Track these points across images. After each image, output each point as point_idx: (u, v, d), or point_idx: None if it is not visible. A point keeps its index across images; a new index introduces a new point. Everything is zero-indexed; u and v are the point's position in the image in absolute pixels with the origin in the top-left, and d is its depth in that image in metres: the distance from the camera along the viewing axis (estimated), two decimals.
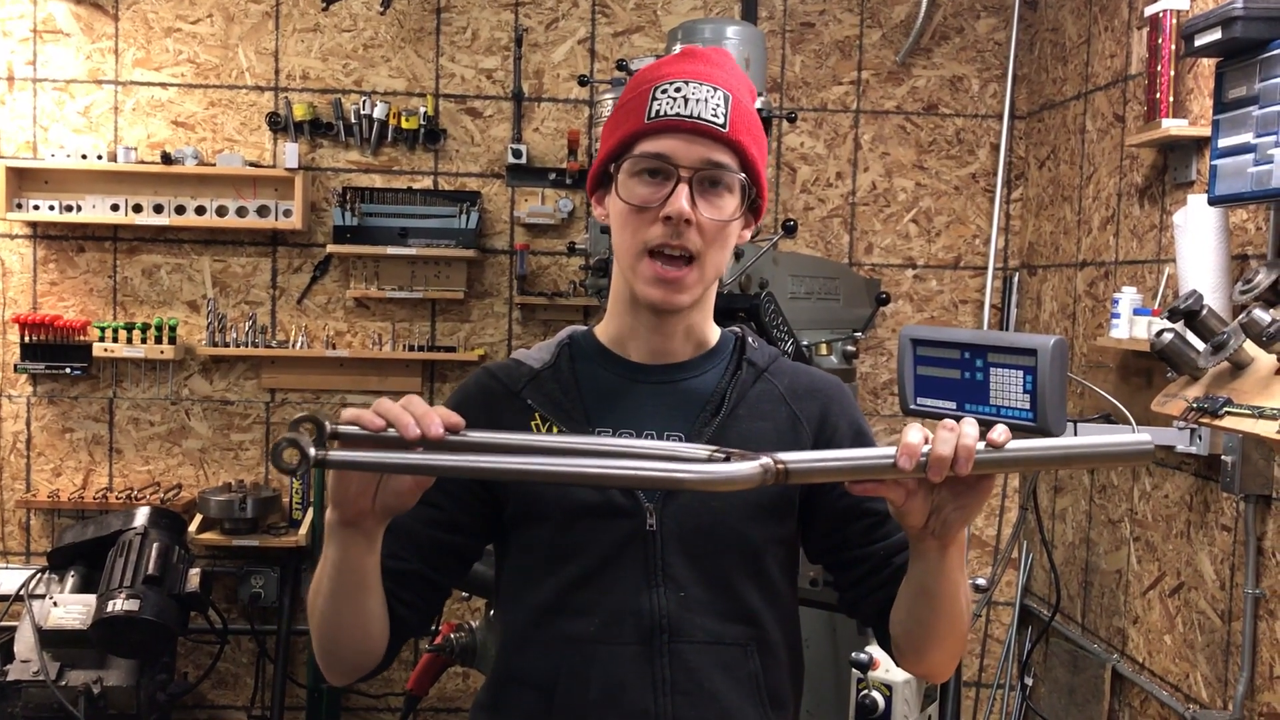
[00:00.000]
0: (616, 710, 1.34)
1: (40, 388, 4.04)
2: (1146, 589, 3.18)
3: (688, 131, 1.33)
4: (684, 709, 1.35)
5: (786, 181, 4.17)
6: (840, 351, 3.47)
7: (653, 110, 1.34)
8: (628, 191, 1.35)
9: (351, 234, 3.97)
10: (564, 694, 1.36)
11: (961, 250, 4.20)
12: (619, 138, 1.37)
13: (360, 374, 4.09)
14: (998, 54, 4.15)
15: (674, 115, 1.33)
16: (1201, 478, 2.89)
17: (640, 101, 1.36)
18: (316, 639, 1.35)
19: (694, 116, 1.33)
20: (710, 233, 1.34)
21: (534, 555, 1.40)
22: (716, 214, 1.34)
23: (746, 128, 1.36)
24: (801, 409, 1.45)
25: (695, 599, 1.36)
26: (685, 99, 1.33)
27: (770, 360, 1.49)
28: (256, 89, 4.06)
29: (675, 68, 1.38)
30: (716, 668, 1.37)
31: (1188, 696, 2.93)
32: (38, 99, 4.00)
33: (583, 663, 1.35)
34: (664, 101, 1.34)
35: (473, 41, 4.09)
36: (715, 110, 1.33)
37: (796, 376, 1.49)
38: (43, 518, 4.06)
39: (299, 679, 4.07)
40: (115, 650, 3.43)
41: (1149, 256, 3.22)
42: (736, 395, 1.42)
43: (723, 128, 1.33)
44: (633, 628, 1.35)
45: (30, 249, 4.03)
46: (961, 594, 1.34)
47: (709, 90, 1.34)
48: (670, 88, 1.35)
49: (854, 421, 1.49)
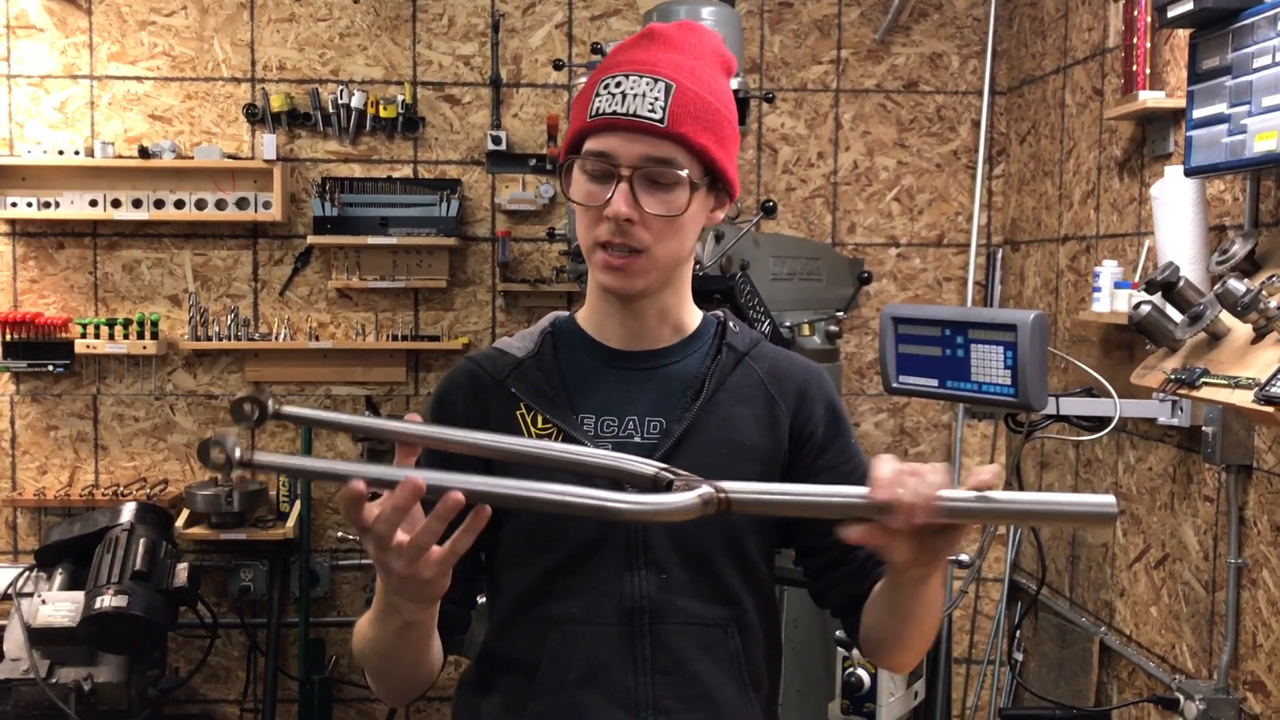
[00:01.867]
0: (597, 689, 1.36)
1: (23, 386, 4.02)
2: (1132, 561, 3.19)
3: (625, 129, 1.31)
4: (664, 689, 1.36)
5: (768, 162, 4.16)
6: (823, 332, 3.47)
7: (594, 107, 1.34)
8: (576, 190, 1.37)
9: (332, 224, 3.95)
10: (546, 674, 1.37)
11: (944, 228, 4.19)
12: (570, 134, 1.38)
13: (344, 365, 4.08)
14: (977, 30, 4.14)
15: (611, 113, 1.31)
16: (1184, 449, 2.90)
17: (588, 95, 1.36)
18: (375, 677, 1.38)
19: (630, 114, 1.31)
20: (657, 227, 1.33)
21: (520, 541, 1.41)
22: (664, 209, 1.33)
23: (694, 116, 1.32)
24: (780, 392, 1.45)
25: (676, 581, 1.37)
26: (624, 95, 1.31)
27: (751, 344, 1.49)
28: (233, 81, 4.03)
29: (624, 56, 1.36)
30: (697, 648, 1.38)
31: (1174, 667, 2.95)
32: (12, 95, 3.98)
33: (564, 643, 1.37)
34: (604, 98, 1.33)
35: (449, 28, 4.07)
36: (653, 105, 1.31)
37: (777, 361, 1.49)
38: (29, 516, 4.05)
39: (290, 671, 4.07)
40: (105, 647, 3.43)
41: (1129, 230, 3.22)
42: (716, 380, 1.42)
43: (660, 122, 1.30)
44: (614, 609, 1.36)
45: (9, 246, 4.01)
46: (938, 607, 1.35)
47: (648, 83, 1.32)
48: (611, 83, 1.33)
49: (831, 404, 1.49)
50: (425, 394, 4.12)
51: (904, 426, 4.22)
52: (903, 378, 2.54)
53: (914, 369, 2.53)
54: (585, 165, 1.35)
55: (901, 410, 4.21)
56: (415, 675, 1.36)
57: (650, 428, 1.40)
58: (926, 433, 4.22)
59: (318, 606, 4.13)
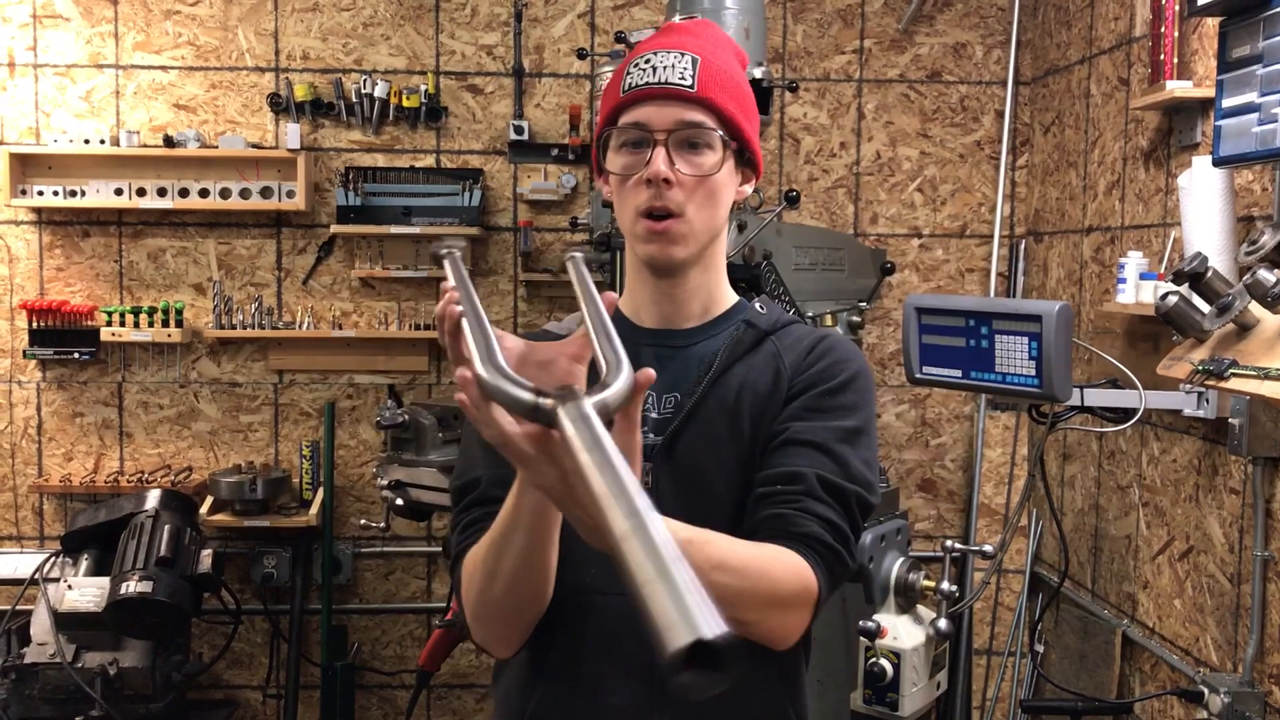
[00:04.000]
0: (612, 660, 1.39)
1: (50, 373, 4.05)
2: (1156, 554, 3.18)
3: (658, 97, 1.39)
4: None
5: (790, 153, 4.15)
6: (845, 322, 3.46)
7: (626, 84, 1.42)
8: (614, 163, 1.43)
9: (355, 214, 3.97)
10: (561, 644, 1.40)
11: (967, 218, 4.18)
12: (603, 115, 1.45)
13: (367, 354, 4.10)
14: (1001, 19, 4.12)
15: (644, 84, 1.40)
16: (1209, 441, 2.89)
17: (619, 78, 1.44)
18: (498, 605, 1.32)
19: (662, 83, 1.39)
20: (691, 187, 1.40)
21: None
22: (695, 169, 1.39)
23: (720, 86, 1.41)
24: (790, 359, 1.45)
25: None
26: (654, 68, 1.41)
27: (776, 324, 1.49)
28: (257, 70, 4.05)
29: (650, 43, 1.46)
30: None
31: (1198, 660, 2.94)
32: (39, 85, 4.00)
33: (578, 613, 1.39)
34: (635, 74, 1.42)
35: (472, 18, 4.08)
36: (683, 74, 1.39)
37: (799, 336, 1.49)
38: (55, 502, 4.09)
39: (313, 657, 4.10)
40: (129, 632, 3.46)
41: (1155, 220, 3.20)
42: (729, 356, 1.45)
43: (690, 88, 1.39)
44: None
45: (36, 235, 4.04)
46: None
47: (676, 56, 1.41)
48: (641, 61, 1.42)
49: (835, 363, 1.43)
50: (448, 383, 4.13)
51: (925, 418, 4.21)
52: (926, 368, 2.54)
53: (937, 359, 2.53)
54: (622, 137, 1.42)
55: (923, 401, 4.20)
56: (544, 587, 1.31)
57: (666, 403, 1.44)
58: (948, 424, 4.21)
59: (340, 593, 4.15)
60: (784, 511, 1.32)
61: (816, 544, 1.30)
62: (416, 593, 4.20)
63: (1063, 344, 2.31)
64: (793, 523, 1.31)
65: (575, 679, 1.40)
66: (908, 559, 2.57)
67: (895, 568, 2.54)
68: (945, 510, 4.23)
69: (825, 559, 1.31)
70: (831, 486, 1.33)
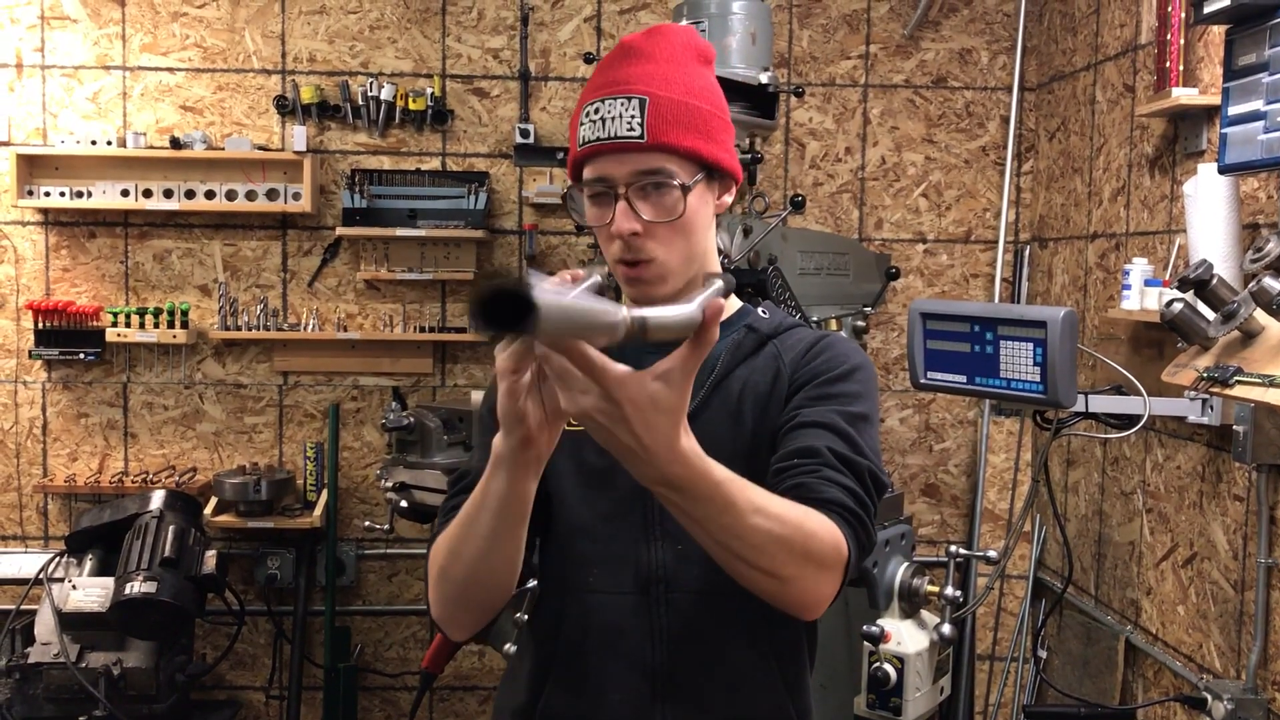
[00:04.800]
0: (616, 657, 1.42)
1: (55, 373, 4.06)
2: (1159, 560, 3.18)
3: (610, 152, 1.38)
4: (681, 658, 1.42)
5: (795, 157, 4.15)
6: (850, 327, 3.47)
7: (580, 137, 1.41)
8: (588, 214, 1.43)
9: (361, 216, 3.97)
10: (566, 641, 1.44)
11: (972, 224, 4.18)
12: (570, 165, 1.45)
13: (372, 356, 4.10)
14: (1006, 25, 4.12)
15: (595, 140, 1.38)
16: (1214, 448, 2.89)
17: (576, 124, 1.43)
18: (456, 585, 1.33)
19: (611, 137, 1.37)
20: (661, 233, 1.39)
21: (548, 510, 1.46)
22: (663, 214, 1.38)
23: (672, 121, 1.37)
24: (790, 359, 1.47)
25: (694, 552, 1.38)
26: (602, 120, 1.38)
27: (778, 327, 1.51)
28: (264, 72, 4.06)
29: (600, 78, 1.42)
30: (714, 618, 1.43)
31: (1201, 666, 2.94)
32: (46, 85, 4.01)
33: (583, 612, 1.43)
34: (587, 126, 1.40)
35: (479, 21, 4.09)
36: (630, 123, 1.37)
37: (801, 338, 1.51)
38: (60, 502, 4.10)
39: (316, 659, 4.10)
40: (133, 632, 3.46)
41: (1160, 227, 3.20)
42: (730, 360, 1.47)
43: (640, 138, 1.36)
44: (631, 578, 1.42)
45: (42, 235, 4.05)
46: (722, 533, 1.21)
47: (622, 104, 1.37)
48: (591, 110, 1.40)
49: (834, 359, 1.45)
50: (452, 385, 4.13)
51: (929, 423, 4.21)
52: (931, 373, 2.54)
53: (942, 364, 2.53)
54: (588, 192, 1.42)
55: (927, 406, 4.20)
56: (506, 574, 1.32)
57: None
58: (952, 429, 4.21)
59: (344, 595, 4.16)
60: (804, 481, 1.31)
61: (840, 508, 1.29)
62: (420, 595, 4.20)
63: (1067, 350, 2.31)
64: (815, 490, 1.30)
65: (581, 677, 1.43)
66: (912, 564, 2.57)
67: (899, 572, 2.54)
68: (949, 515, 4.23)
69: (850, 524, 1.29)
70: (846, 460, 1.33)
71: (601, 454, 1.38)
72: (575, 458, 1.44)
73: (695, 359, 1.04)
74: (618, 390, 1.01)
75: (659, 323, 1.00)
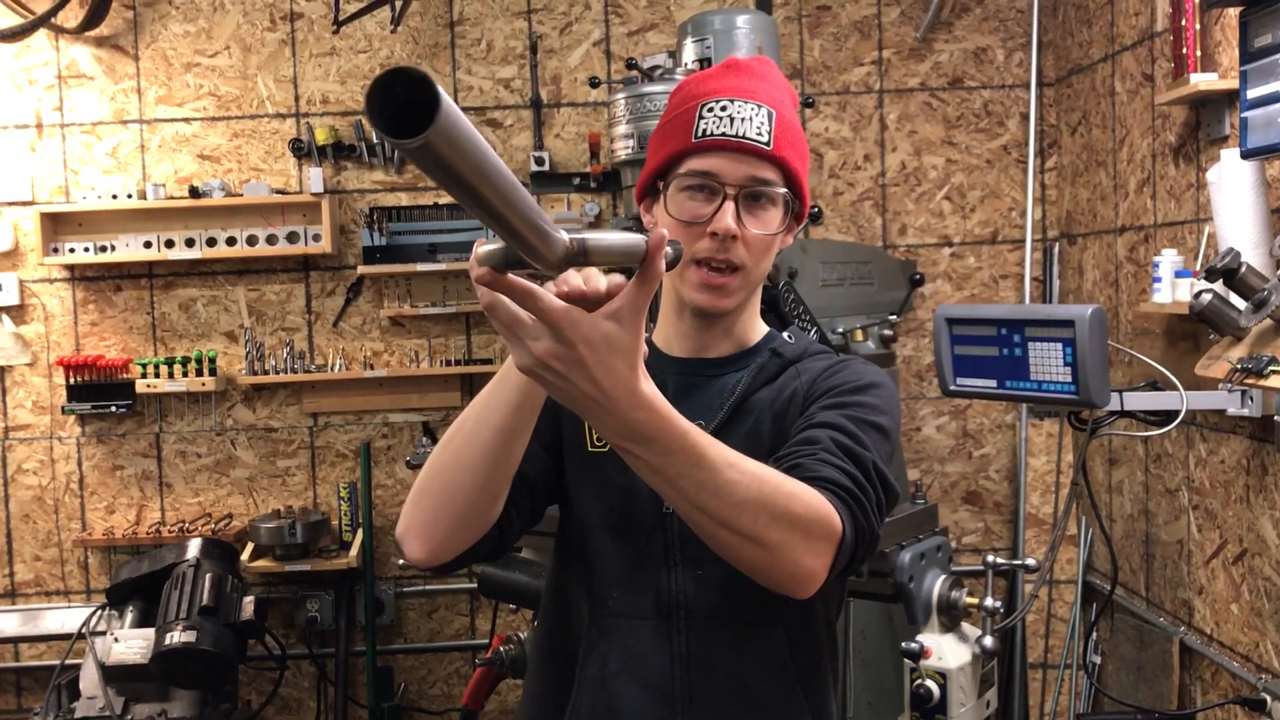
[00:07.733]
0: (635, 682, 1.41)
1: (88, 427, 4.09)
2: (1209, 558, 3.09)
3: (733, 150, 1.37)
4: (701, 684, 1.40)
5: (814, 167, 4.11)
6: (877, 336, 3.41)
7: (699, 129, 1.39)
8: (676, 207, 1.40)
9: (381, 254, 3.98)
10: (585, 665, 1.43)
11: (998, 224, 4.11)
12: (666, 154, 1.42)
13: (400, 392, 4.10)
14: (1020, 21, 4.06)
15: (720, 135, 1.38)
16: (1257, 440, 2.80)
17: (687, 119, 1.41)
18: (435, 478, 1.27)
19: (739, 136, 1.37)
20: (755, 246, 1.39)
21: (569, 531, 1.47)
22: (762, 228, 1.38)
23: (790, 142, 1.40)
24: (805, 380, 1.45)
25: (713, 577, 1.40)
26: (731, 118, 1.38)
27: (802, 353, 1.50)
28: (278, 117, 4.08)
29: (720, 83, 1.42)
30: (735, 644, 1.41)
31: (1259, 666, 2.84)
32: (66, 143, 4.06)
33: (601, 635, 1.43)
34: (710, 120, 1.39)
35: (488, 52, 4.09)
36: (760, 129, 1.37)
37: (821, 359, 1.50)
38: (99, 555, 4.12)
39: (360, 699, 4.09)
40: (176, 682, 3.46)
41: (1188, 217, 3.13)
42: (752, 383, 1.45)
43: (767, 145, 1.37)
44: (651, 603, 1.41)
45: (69, 291, 4.08)
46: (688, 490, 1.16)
47: (753, 108, 1.38)
48: (716, 106, 1.39)
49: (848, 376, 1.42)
50: None
51: (967, 429, 4.14)
52: (960, 379, 2.48)
53: (971, 370, 2.48)
54: (685, 184, 1.39)
55: (964, 412, 4.13)
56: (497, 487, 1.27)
57: None
58: (990, 434, 4.13)
59: (384, 634, 4.14)
60: (800, 462, 1.27)
61: (834, 485, 1.23)
62: (460, 630, 4.18)
63: (1097, 348, 2.25)
64: (809, 469, 1.25)
65: (602, 701, 1.42)
66: (949, 576, 2.51)
67: (937, 586, 2.48)
68: (992, 522, 4.15)
69: (845, 502, 1.22)
70: (847, 449, 1.29)
71: (622, 471, 1.36)
72: (599, 479, 1.43)
73: (644, 295, 0.99)
74: (570, 330, 0.97)
75: (599, 245, 0.95)
